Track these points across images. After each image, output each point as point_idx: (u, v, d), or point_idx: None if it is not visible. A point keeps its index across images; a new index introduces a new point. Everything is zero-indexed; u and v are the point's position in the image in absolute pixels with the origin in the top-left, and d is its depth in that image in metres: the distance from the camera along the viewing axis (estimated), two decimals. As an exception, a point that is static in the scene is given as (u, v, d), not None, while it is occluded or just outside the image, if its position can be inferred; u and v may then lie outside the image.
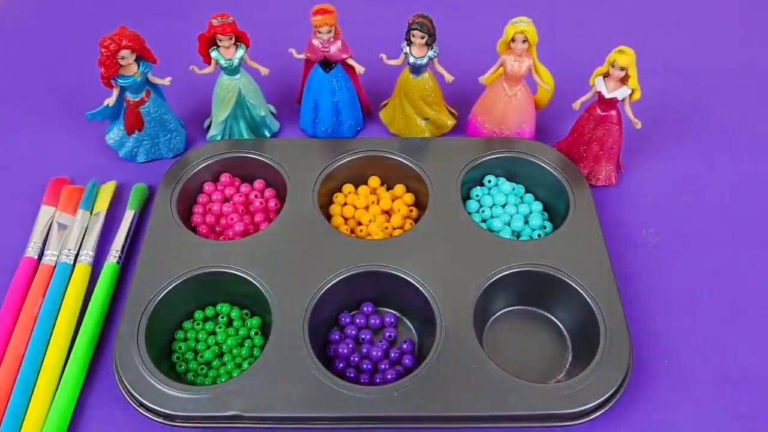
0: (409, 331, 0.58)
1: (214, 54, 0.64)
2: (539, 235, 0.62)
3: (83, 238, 0.62)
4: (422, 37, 0.62)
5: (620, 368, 0.51)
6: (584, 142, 0.65)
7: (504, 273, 0.56)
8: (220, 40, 0.63)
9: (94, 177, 0.67)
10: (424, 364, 0.51)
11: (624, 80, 0.60)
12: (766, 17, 0.89)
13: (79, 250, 0.61)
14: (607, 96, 0.61)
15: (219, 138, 0.69)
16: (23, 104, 0.76)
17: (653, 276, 0.60)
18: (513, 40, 0.62)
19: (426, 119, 0.69)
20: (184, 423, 0.49)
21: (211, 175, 0.66)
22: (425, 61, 0.64)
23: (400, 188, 0.66)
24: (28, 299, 0.57)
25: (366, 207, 0.64)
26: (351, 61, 0.66)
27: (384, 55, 0.65)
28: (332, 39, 0.64)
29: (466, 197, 0.65)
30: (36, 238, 0.61)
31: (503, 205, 0.64)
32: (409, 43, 0.63)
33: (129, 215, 0.63)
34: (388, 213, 0.64)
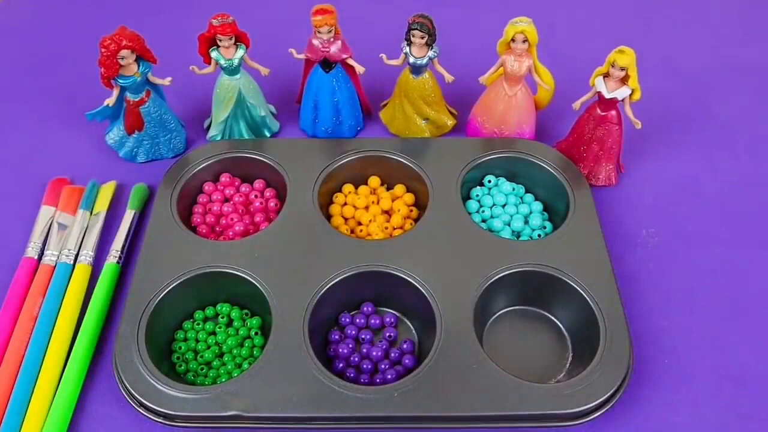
0: (409, 331, 0.58)
1: (214, 54, 0.64)
2: (539, 235, 0.62)
3: (83, 238, 0.62)
4: (422, 37, 0.62)
5: (620, 368, 0.51)
6: (584, 142, 0.65)
7: (504, 273, 0.56)
8: (220, 40, 0.63)
9: (94, 177, 0.67)
10: (424, 364, 0.51)
11: (624, 80, 0.60)
12: (766, 17, 0.89)
13: (79, 250, 0.61)
14: (607, 96, 0.61)
15: (219, 138, 0.69)
16: (23, 104, 0.76)
17: (653, 276, 0.60)
18: (513, 40, 0.62)
19: (426, 119, 0.69)
20: (184, 423, 0.49)
21: (211, 175, 0.66)
22: (425, 61, 0.64)
23: (400, 188, 0.66)
24: (28, 299, 0.57)
25: (366, 207, 0.64)
26: (351, 61, 0.66)
27: (384, 55, 0.65)
28: (332, 39, 0.64)
29: (466, 197, 0.65)
30: (36, 238, 0.61)
31: (503, 205, 0.64)
32: (409, 43, 0.63)
33: (129, 215, 0.63)
34: (388, 213, 0.64)
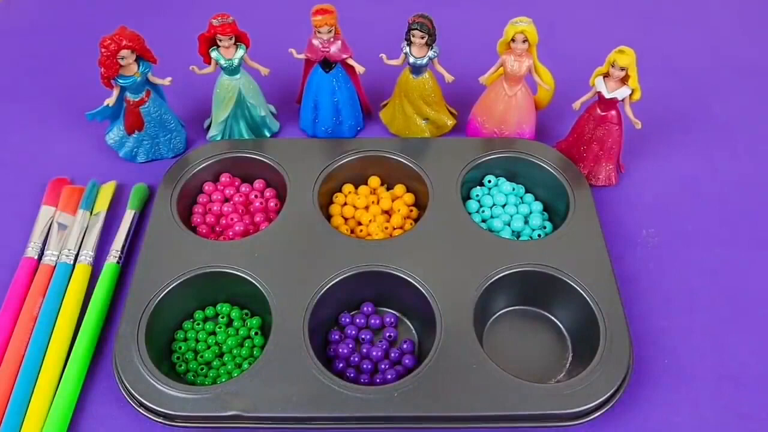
0: (409, 331, 0.58)
1: (214, 54, 0.64)
2: (539, 235, 0.62)
3: (83, 238, 0.62)
4: (422, 37, 0.62)
5: (620, 368, 0.51)
6: (584, 142, 0.65)
7: (504, 273, 0.56)
8: (220, 40, 0.63)
9: (94, 177, 0.67)
10: (424, 364, 0.51)
11: (624, 80, 0.60)
12: (766, 17, 0.89)
13: (79, 250, 0.61)
14: (607, 96, 0.61)
15: (219, 138, 0.69)
16: (23, 104, 0.76)
17: (653, 276, 0.60)
18: (513, 40, 0.62)
19: (426, 119, 0.69)
20: (184, 423, 0.49)
21: (211, 175, 0.66)
22: (425, 61, 0.64)
23: (400, 188, 0.66)
24: (28, 299, 0.57)
25: (366, 207, 0.64)
26: (351, 61, 0.66)
27: (384, 55, 0.65)
28: (332, 39, 0.64)
29: (466, 197, 0.65)
30: (36, 238, 0.61)
31: (503, 205, 0.64)
32: (409, 43, 0.63)
33: (129, 215, 0.63)
34: (388, 213, 0.64)
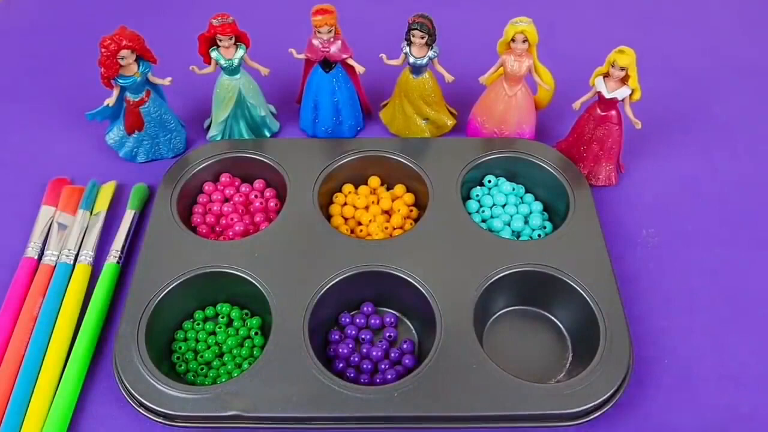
0: (409, 331, 0.57)
1: (214, 54, 0.64)
2: (539, 235, 0.62)
3: (83, 238, 0.62)
4: (422, 37, 0.62)
5: (620, 368, 0.51)
6: (584, 142, 0.65)
7: (504, 273, 0.56)
8: (220, 40, 0.63)
9: (94, 177, 0.67)
10: (424, 364, 0.51)
11: (624, 80, 0.60)
12: (766, 17, 0.89)
13: (79, 250, 0.61)
14: (607, 96, 0.61)
15: (219, 138, 0.69)
16: (23, 104, 0.76)
17: (653, 276, 0.60)
18: (513, 40, 0.62)
19: (426, 119, 0.69)
20: (184, 423, 0.49)
21: (211, 175, 0.66)
22: (425, 61, 0.64)
23: (400, 188, 0.66)
24: (28, 299, 0.57)
25: (366, 207, 0.64)
26: (351, 61, 0.66)
27: (384, 55, 0.65)
28: (332, 39, 0.64)
29: (466, 197, 0.65)
30: (36, 238, 0.61)
31: (503, 205, 0.64)
32: (409, 43, 0.63)
33: (129, 215, 0.63)
34: (388, 213, 0.64)
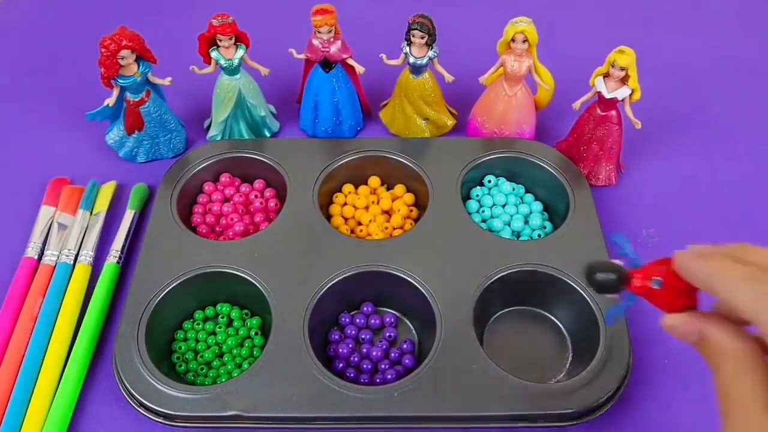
0: (409, 331, 0.57)
1: (214, 54, 0.64)
2: (539, 235, 0.62)
3: (83, 238, 0.61)
4: (422, 37, 0.62)
5: (620, 368, 0.51)
6: (584, 142, 0.65)
7: (504, 273, 0.56)
8: (220, 40, 0.63)
9: (94, 177, 0.66)
10: (424, 364, 0.51)
11: (624, 80, 0.60)
12: (766, 17, 0.89)
13: (79, 250, 0.61)
14: (607, 96, 0.61)
15: (219, 138, 0.69)
16: (23, 104, 0.76)
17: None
18: (513, 40, 0.62)
19: (426, 119, 0.69)
20: (184, 423, 0.49)
21: (211, 175, 0.66)
22: (425, 61, 0.64)
23: (400, 188, 0.66)
24: (28, 299, 0.57)
25: (366, 207, 0.64)
26: (351, 61, 0.66)
27: (384, 55, 0.65)
28: (332, 39, 0.64)
29: (466, 197, 0.65)
30: (36, 238, 0.61)
31: (503, 205, 0.64)
32: (409, 43, 0.63)
33: (129, 215, 0.63)
34: (388, 213, 0.64)
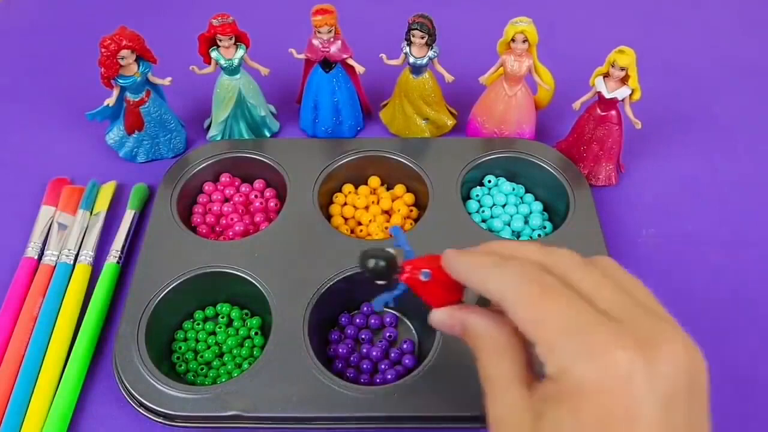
0: (409, 331, 0.57)
1: (214, 54, 0.64)
2: (539, 235, 0.62)
3: (83, 238, 0.61)
4: (422, 37, 0.62)
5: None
6: (584, 142, 0.65)
7: (504, 273, 0.56)
8: (220, 40, 0.63)
9: (94, 177, 0.66)
10: (424, 364, 0.51)
11: (624, 80, 0.60)
12: (766, 17, 0.89)
13: (79, 250, 0.61)
14: (607, 96, 0.61)
15: (219, 138, 0.69)
16: (23, 104, 0.76)
17: (653, 276, 0.60)
18: (513, 40, 0.62)
19: (426, 119, 0.69)
20: (184, 423, 0.49)
21: (211, 175, 0.66)
22: (425, 61, 0.64)
23: (400, 188, 0.66)
24: (28, 299, 0.57)
25: (366, 207, 0.64)
26: (351, 61, 0.66)
27: (384, 55, 0.65)
28: (332, 39, 0.64)
29: (466, 197, 0.65)
30: (36, 238, 0.61)
31: (503, 205, 0.64)
32: (409, 43, 0.63)
33: (129, 215, 0.63)
34: (388, 213, 0.64)
